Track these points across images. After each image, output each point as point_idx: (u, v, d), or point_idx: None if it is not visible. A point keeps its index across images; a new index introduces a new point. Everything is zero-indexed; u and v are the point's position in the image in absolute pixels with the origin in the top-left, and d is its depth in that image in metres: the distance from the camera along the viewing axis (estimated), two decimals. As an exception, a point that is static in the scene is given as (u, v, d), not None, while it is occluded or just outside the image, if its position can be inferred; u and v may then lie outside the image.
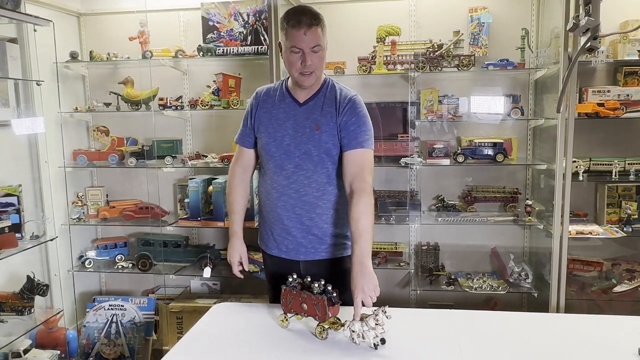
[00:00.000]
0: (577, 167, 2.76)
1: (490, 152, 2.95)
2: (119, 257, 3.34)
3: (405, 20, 3.04)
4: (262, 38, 3.01)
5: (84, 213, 3.33)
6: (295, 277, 1.72)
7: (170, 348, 1.64)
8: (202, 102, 3.10)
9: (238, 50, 3.04)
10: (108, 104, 3.25)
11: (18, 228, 2.78)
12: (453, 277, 3.07)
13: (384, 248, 3.19)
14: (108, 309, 3.04)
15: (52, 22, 2.78)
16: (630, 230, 2.84)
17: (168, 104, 3.16)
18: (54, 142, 3.11)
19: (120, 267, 3.29)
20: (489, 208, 3.14)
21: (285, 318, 1.71)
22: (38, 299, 2.78)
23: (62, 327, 3.04)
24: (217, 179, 3.06)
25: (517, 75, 3.06)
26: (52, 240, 2.97)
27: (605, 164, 2.88)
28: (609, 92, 2.80)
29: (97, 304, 3.06)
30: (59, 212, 3.17)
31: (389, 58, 2.98)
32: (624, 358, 1.50)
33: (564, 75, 2.35)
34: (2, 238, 2.62)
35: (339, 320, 1.62)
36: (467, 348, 1.56)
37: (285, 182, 1.88)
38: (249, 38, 3.05)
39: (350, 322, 1.55)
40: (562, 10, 2.47)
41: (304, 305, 1.65)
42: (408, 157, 2.97)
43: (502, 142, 2.97)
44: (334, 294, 1.63)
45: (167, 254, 3.23)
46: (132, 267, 3.28)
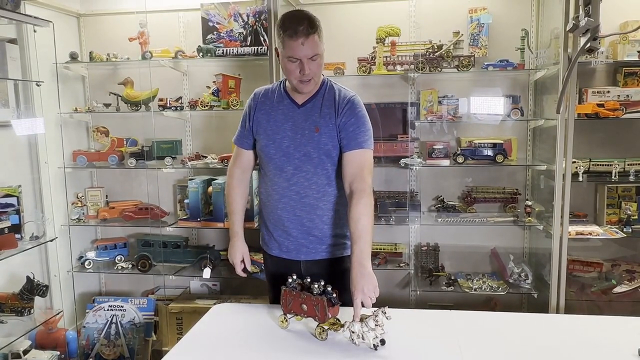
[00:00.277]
0: (576, 167, 2.76)
1: (490, 152, 2.95)
2: (119, 257, 3.34)
3: (405, 21, 3.04)
4: (261, 39, 3.01)
5: (84, 214, 3.33)
6: (295, 277, 1.73)
7: (170, 349, 1.64)
8: (201, 102, 3.10)
9: (238, 51, 3.04)
10: (108, 105, 3.25)
11: (18, 229, 2.78)
12: (453, 277, 3.06)
13: (384, 249, 3.19)
14: (108, 310, 3.04)
15: (51, 22, 2.79)
16: (630, 231, 2.84)
17: (168, 105, 3.16)
18: (54, 142, 3.11)
19: (120, 267, 3.29)
20: (489, 209, 3.14)
21: (285, 319, 1.71)
22: (38, 300, 2.78)
23: (61, 327, 3.03)
24: (216, 180, 3.05)
25: (516, 76, 3.06)
26: (51, 241, 2.97)
27: (605, 165, 2.88)
28: (609, 92, 2.79)
29: (96, 305, 3.07)
30: (59, 212, 3.17)
31: (389, 59, 2.98)
32: (624, 359, 1.50)
33: (564, 76, 2.35)
34: (1, 239, 2.62)
35: (339, 321, 1.62)
36: (467, 349, 1.56)
37: (286, 184, 1.88)
38: (249, 39, 3.05)
39: (350, 322, 1.55)
40: (562, 11, 2.47)
41: (304, 306, 1.65)
42: (408, 157, 2.97)
43: (501, 142, 2.97)
44: (334, 295, 1.63)
45: (166, 255, 3.23)
46: (131, 267, 3.27)
